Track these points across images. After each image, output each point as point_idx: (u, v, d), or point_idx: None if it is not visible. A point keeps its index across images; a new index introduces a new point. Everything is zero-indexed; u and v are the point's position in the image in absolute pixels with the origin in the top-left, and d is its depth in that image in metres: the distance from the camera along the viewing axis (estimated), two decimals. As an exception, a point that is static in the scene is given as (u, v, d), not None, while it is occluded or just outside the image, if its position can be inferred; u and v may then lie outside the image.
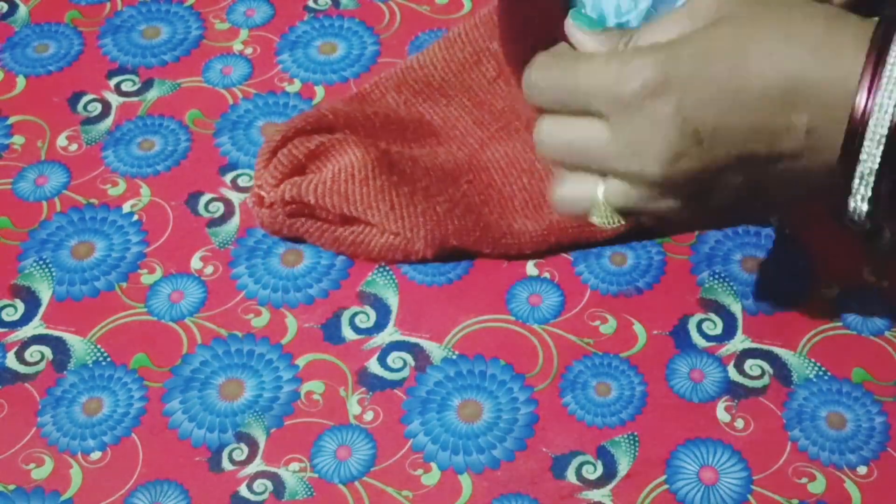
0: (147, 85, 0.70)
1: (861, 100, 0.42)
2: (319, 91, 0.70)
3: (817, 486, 0.53)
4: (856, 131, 0.42)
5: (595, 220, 0.50)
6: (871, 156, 0.42)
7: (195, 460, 0.54)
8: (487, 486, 0.53)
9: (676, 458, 0.54)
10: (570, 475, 0.54)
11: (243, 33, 0.73)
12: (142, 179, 0.65)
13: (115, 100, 0.69)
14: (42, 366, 0.58)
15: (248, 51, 0.72)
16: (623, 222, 0.50)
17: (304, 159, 0.60)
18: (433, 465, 0.54)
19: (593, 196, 0.49)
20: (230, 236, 0.63)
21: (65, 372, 0.57)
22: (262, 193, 0.60)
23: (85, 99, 0.69)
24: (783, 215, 0.61)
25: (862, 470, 0.54)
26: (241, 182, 0.65)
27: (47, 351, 0.58)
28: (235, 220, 0.63)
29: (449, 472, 0.54)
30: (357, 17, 0.74)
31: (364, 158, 0.59)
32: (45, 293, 0.60)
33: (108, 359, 0.58)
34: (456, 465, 0.54)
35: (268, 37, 0.73)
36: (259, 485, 0.53)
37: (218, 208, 0.64)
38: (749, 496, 0.53)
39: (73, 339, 0.58)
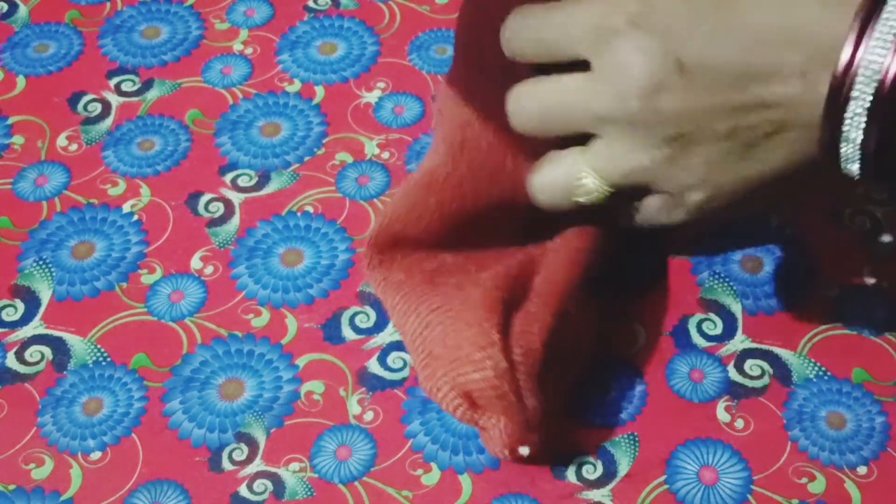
0: (147, 85, 0.70)
1: (847, 53, 0.38)
2: (319, 91, 0.70)
3: (817, 486, 0.53)
4: (841, 85, 0.39)
5: (581, 198, 0.48)
6: (857, 114, 0.39)
7: (195, 460, 0.54)
8: (487, 486, 0.53)
9: (676, 458, 0.54)
10: (570, 475, 0.54)
11: (243, 33, 0.73)
12: (142, 179, 0.65)
13: (115, 100, 0.69)
14: (42, 366, 0.58)
15: (248, 51, 0.72)
16: (609, 188, 0.47)
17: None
18: (433, 465, 0.54)
19: (574, 165, 0.46)
20: (230, 236, 0.63)
21: (65, 372, 0.57)
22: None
23: (85, 99, 0.69)
24: (774, 208, 0.59)
25: (862, 470, 0.54)
26: (241, 182, 0.65)
27: (47, 351, 0.58)
28: (235, 220, 0.63)
29: (449, 472, 0.54)
30: (357, 17, 0.74)
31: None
32: (45, 293, 0.60)
33: (108, 359, 0.58)
34: (456, 465, 0.54)
35: (268, 37, 0.73)
36: (259, 485, 0.53)
37: (218, 208, 0.64)
38: (749, 496, 0.53)
39: (73, 340, 0.58)
